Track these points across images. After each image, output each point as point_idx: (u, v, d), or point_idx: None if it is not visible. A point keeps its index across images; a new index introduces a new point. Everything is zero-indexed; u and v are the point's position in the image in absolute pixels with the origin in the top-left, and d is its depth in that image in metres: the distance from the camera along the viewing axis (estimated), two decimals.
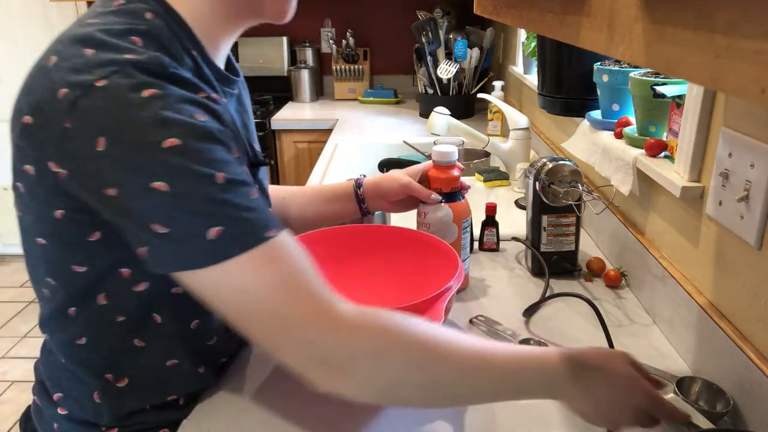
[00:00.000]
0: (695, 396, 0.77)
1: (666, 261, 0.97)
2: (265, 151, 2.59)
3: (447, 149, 1.02)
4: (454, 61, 2.46)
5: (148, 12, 0.62)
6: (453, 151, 1.02)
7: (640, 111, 1.05)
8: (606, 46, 0.44)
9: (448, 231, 1.02)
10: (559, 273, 1.13)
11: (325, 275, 1.01)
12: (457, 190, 1.03)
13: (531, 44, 1.94)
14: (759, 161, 0.71)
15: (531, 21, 0.66)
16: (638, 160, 1.01)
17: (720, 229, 0.82)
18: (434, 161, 1.03)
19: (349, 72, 3.00)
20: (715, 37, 0.29)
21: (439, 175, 1.02)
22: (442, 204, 1.01)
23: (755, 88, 0.25)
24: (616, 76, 1.15)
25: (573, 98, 1.36)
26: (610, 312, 1.02)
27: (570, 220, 1.11)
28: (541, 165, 1.09)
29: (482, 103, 2.37)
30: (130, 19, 0.61)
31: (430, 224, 1.02)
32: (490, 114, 2.24)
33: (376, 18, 3.08)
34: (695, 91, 0.86)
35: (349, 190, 1.03)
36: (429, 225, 1.02)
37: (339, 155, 2.07)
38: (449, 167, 1.02)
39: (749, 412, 0.72)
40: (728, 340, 0.76)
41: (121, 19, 0.61)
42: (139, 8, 0.63)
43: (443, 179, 1.02)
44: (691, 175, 0.88)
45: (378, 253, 1.02)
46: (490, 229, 1.21)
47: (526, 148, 1.72)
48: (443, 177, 1.02)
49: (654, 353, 0.90)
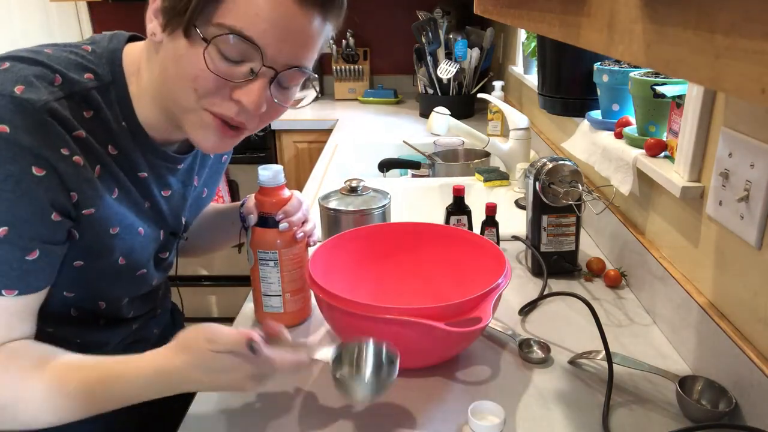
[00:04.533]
0: (697, 395, 0.77)
1: (666, 261, 0.97)
2: (266, 151, 2.59)
3: (272, 169, 0.90)
4: (454, 61, 2.46)
5: (91, 74, 0.70)
6: (279, 170, 0.90)
7: (640, 111, 1.05)
8: (606, 46, 0.44)
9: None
10: (559, 273, 1.14)
11: (372, 273, 1.01)
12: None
13: (531, 44, 1.94)
14: (759, 161, 0.71)
15: (531, 21, 0.66)
16: (638, 160, 1.01)
17: (720, 229, 0.82)
18: (260, 183, 0.91)
19: (349, 72, 3.00)
20: (715, 37, 0.29)
21: (266, 199, 0.91)
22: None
23: (755, 88, 0.25)
24: (616, 76, 1.15)
25: (573, 98, 1.36)
26: (610, 312, 1.02)
27: (570, 220, 1.11)
28: (541, 165, 1.09)
29: (482, 103, 2.37)
30: (70, 63, 0.69)
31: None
32: (490, 114, 2.24)
33: (376, 18, 3.08)
34: (695, 91, 0.86)
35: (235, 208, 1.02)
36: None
37: (339, 155, 2.07)
38: (277, 189, 0.91)
39: (749, 412, 0.72)
40: (728, 340, 0.76)
41: (64, 61, 0.69)
42: (90, 63, 0.71)
43: (272, 203, 0.91)
44: (691, 175, 0.88)
45: (423, 251, 1.03)
46: (490, 229, 1.21)
47: (526, 148, 1.72)
48: (271, 200, 0.91)
49: (654, 353, 0.90)
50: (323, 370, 0.87)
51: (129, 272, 0.80)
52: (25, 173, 0.62)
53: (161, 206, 0.82)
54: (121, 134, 0.73)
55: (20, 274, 0.64)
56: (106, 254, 0.75)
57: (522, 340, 0.92)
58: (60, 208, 0.66)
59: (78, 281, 0.75)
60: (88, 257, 0.73)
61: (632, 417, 0.77)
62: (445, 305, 0.78)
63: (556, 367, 0.87)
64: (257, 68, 0.66)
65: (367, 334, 0.81)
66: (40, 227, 0.64)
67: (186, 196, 0.88)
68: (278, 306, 0.96)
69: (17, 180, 0.62)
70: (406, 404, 0.80)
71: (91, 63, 0.71)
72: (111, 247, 0.74)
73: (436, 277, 1.01)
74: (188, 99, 0.68)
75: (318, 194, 1.47)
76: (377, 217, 1.15)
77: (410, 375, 0.85)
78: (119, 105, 0.72)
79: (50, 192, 0.64)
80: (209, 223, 1.07)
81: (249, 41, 0.64)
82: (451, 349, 0.85)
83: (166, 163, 0.80)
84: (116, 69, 0.72)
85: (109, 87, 0.71)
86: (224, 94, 0.68)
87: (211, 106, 0.69)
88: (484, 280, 0.87)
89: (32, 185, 0.63)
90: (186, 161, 0.84)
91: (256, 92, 0.67)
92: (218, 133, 0.71)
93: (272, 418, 0.78)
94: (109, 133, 0.72)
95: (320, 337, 0.96)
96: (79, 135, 0.68)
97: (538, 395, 0.81)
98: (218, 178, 0.99)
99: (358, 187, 1.17)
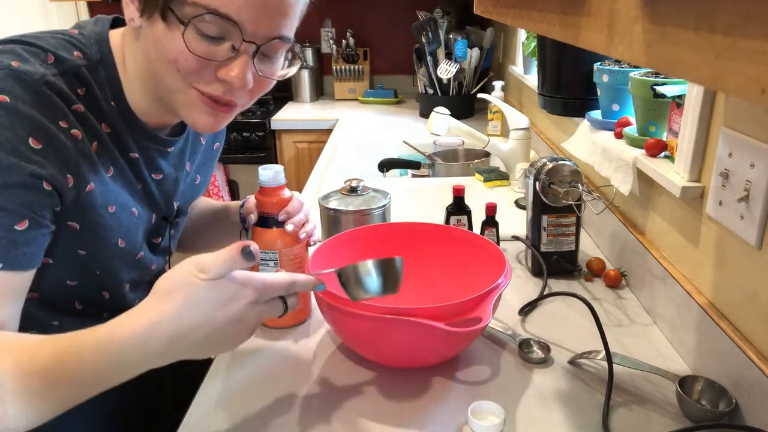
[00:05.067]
0: (697, 395, 0.77)
1: (666, 261, 0.97)
2: (266, 151, 2.59)
3: (273, 169, 0.90)
4: (454, 61, 2.46)
5: (80, 53, 0.71)
6: (279, 170, 0.90)
7: (640, 111, 1.05)
8: (606, 46, 0.44)
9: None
10: (559, 273, 1.14)
11: None
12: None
13: (531, 44, 1.94)
14: (759, 161, 0.71)
15: (531, 21, 0.66)
16: (638, 160, 1.01)
17: (720, 229, 0.82)
18: (260, 183, 0.90)
19: (349, 72, 3.00)
20: (715, 37, 0.29)
21: (266, 199, 0.91)
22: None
23: (755, 88, 0.25)
24: (616, 76, 1.15)
25: (573, 98, 1.37)
26: (610, 312, 1.02)
27: (570, 220, 1.11)
28: (541, 165, 1.09)
29: (482, 103, 2.37)
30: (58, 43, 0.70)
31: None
32: (490, 114, 2.24)
33: (376, 18, 3.08)
34: (695, 91, 0.86)
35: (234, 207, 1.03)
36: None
37: (339, 155, 2.07)
38: (278, 189, 0.91)
39: (749, 412, 0.72)
40: (728, 340, 0.76)
41: (53, 41, 0.70)
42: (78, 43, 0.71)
43: (272, 203, 0.91)
44: (691, 175, 0.88)
45: (423, 251, 1.03)
46: (490, 229, 1.21)
47: (526, 148, 1.72)
48: (272, 201, 0.91)
49: (654, 353, 0.90)
50: (323, 369, 0.87)
51: (129, 255, 0.80)
52: (21, 142, 0.62)
53: (152, 189, 0.82)
54: (112, 114, 0.73)
55: (7, 243, 0.62)
56: (106, 236, 0.74)
57: (522, 340, 0.92)
58: (52, 180, 0.64)
59: (81, 268, 0.75)
60: (90, 243, 0.73)
61: (632, 417, 0.77)
62: (445, 305, 0.78)
63: (556, 367, 0.87)
64: (238, 44, 0.67)
65: (367, 333, 0.81)
66: (31, 195, 0.63)
67: (178, 181, 0.87)
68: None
69: (12, 147, 0.61)
70: (406, 404, 0.80)
71: (80, 43, 0.72)
72: (110, 228, 0.74)
73: (436, 277, 1.01)
74: (174, 80, 0.69)
75: (318, 194, 1.47)
76: (377, 217, 1.15)
77: (410, 375, 0.85)
78: (108, 85, 0.73)
79: (45, 164, 0.63)
80: (209, 221, 1.07)
81: (226, 18, 0.64)
82: (451, 349, 0.85)
83: (157, 145, 0.80)
84: (104, 49, 0.73)
85: (98, 66, 0.72)
86: (209, 74, 0.68)
87: (197, 85, 0.69)
88: (484, 280, 0.87)
89: (27, 154, 0.62)
90: (177, 145, 0.84)
91: (240, 69, 0.67)
92: (209, 110, 0.71)
93: (272, 418, 0.78)
94: (101, 111, 0.72)
95: (320, 337, 0.96)
96: (77, 109, 0.68)
97: (538, 395, 0.81)
98: (211, 165, 0.99)
99: (358, 187, 1.17)
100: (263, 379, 0.85)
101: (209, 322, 0.58)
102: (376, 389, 0.83)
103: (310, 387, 0.84)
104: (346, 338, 0.87)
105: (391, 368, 0.87)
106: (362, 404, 0.80)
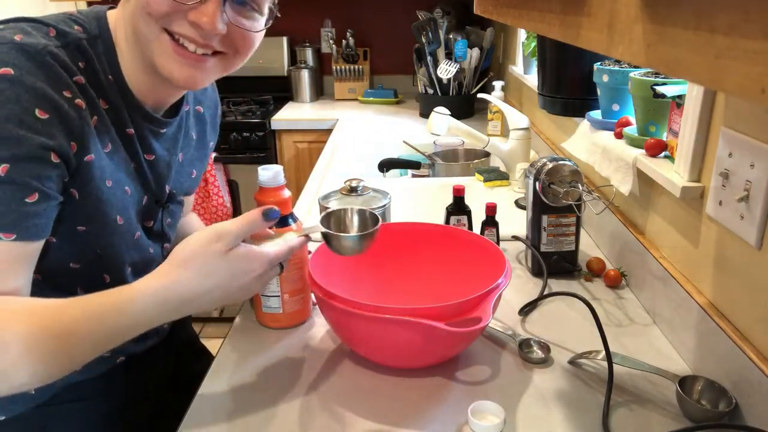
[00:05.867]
0: (698, 395, 0.77)
1: (666, 261, 0.97)
2: (266, 151, 2.59)
3: (272, 169, 0.89)
4: (454, 61, 2.46)
5: (80, 27, 0.73)
6: (279, 171, 0.90)
7: (640, 111, 1.05)
8: (606, 46, 0.44)
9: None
10: (559, 273, 1.14)
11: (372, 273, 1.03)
12: (288, 214, 0.92)
13: (531, 44, 1.94)
14: (759, 161, 0.71)
15: (531, 21, 0.66)
16: (638, 160, 1.01)
17: (720, 229, 0.82)
18: (260, 184, 0.90)
19: (349, 72, 3.00)
20: (715, 37, 0.29)
21: (266, 199, 0.90)
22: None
23: (755, 88, 0.25)
24: (616, 76, 1.15)
25: (573, 98, 1.37)
26: (610, 312, 1.02)
27: (570, 220, 1.11)
28: (541, 165, 1.09)
29: (482, 103, 2.37)
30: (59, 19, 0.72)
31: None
32: (490, 114, 2.24)
33: (376, 18, 3.08)
34: (695, 91, 0.86)
35: None
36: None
37: (339, 155, 2.07)
38: (277, 189, 0.90)
39: (749, 412, 0.72)
40: (728, 340, 0.76)
41: (54, 18, 0.72)
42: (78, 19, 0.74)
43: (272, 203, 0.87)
44: (691, 175, 0.88)
45: (423, 251, 1.03)
46: (490, 229, 1.21)
47: (526, 148, 1.72)
48: (271, 201, 0.89)
49: (654, 353, 0.90)
50: (323, 369, 0.87)
51: (127, 234, 0.81)
52: (28, 114, 0.63)
53: (144, 169, 0.82)
54: (110, 89, 0.75)
55: (18, 216, 0.63)
56: (105, 212, 0.75)
57: (522, 340, 0.92)
58: (60, 150, 0.66)
59: (83, 249, 0.76)
60: (90, 218, 0.74)
61: (632, 417, 0.77)
62: (445, 305, 0.78)
63: (556, 367, 0.87)
64: None
65: (367, 333, 0.81)
66: (40, 168, 0.64)
67: (171, 165, 0.88)
68: (277, 306, 0.96)
69: (20, 120, 0.62)
70: (406, 404, 0.80)
71: (79, 19, 0.74)
72: (108, 203, 0.75)
73: (436, 277, 1.01)
74: (148, 26, 0.70)
75: (318, 194, 1.47)
76: None
77: (410, 375, 0.85)
78: (106, 58, 0.74)
79: (52, 134, 0.65)
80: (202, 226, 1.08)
81: None
82: (451, 349, 0.85)
83: (151, 125, 0.81)
84: (102, 25, 0.75)
85: (96, 40, 0.74)
86: (180, 18, 0.70)
87: (169, 26, 0.70)
88: (484, 280, 0.87)
89: (35, 125, 0.63)
90: (170, 128, 0.85)
91: (209, 12, 0.69)
92: (181, 60, 0.72)
93: (272, 417, 0.78)
94: (100, 85, 0.74)
95: (320, 337, 0.96)
96: (78, 81, 0.70)
97: (538, 395, 0.81)
98: (205, 161, 1.01)
99: (358, 187, 1.17)
100: (263, 379, 0.85)
101: (219, 289, 0.68)
102: (376, 389, 0.83)
103: (310, 387, 0.84)
104: (345, 338, 0.87)
105: (391, 368, 0.87)
106: (362, 404, 0.80)
